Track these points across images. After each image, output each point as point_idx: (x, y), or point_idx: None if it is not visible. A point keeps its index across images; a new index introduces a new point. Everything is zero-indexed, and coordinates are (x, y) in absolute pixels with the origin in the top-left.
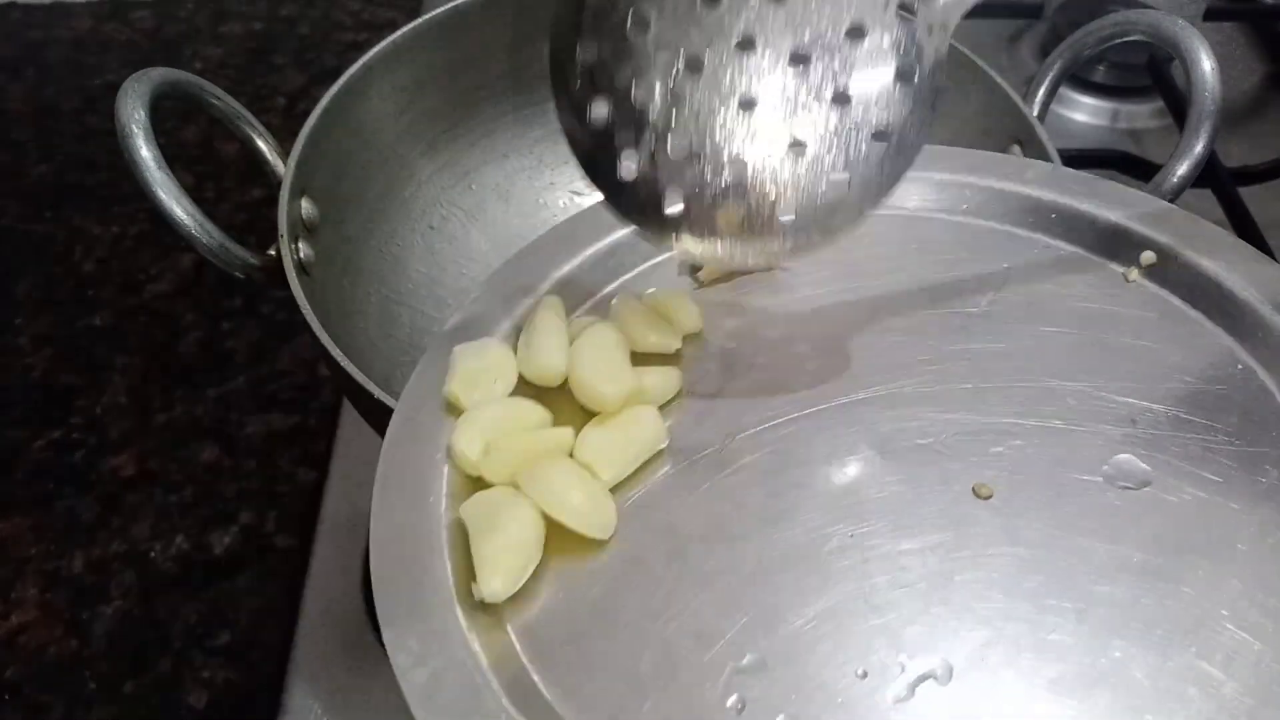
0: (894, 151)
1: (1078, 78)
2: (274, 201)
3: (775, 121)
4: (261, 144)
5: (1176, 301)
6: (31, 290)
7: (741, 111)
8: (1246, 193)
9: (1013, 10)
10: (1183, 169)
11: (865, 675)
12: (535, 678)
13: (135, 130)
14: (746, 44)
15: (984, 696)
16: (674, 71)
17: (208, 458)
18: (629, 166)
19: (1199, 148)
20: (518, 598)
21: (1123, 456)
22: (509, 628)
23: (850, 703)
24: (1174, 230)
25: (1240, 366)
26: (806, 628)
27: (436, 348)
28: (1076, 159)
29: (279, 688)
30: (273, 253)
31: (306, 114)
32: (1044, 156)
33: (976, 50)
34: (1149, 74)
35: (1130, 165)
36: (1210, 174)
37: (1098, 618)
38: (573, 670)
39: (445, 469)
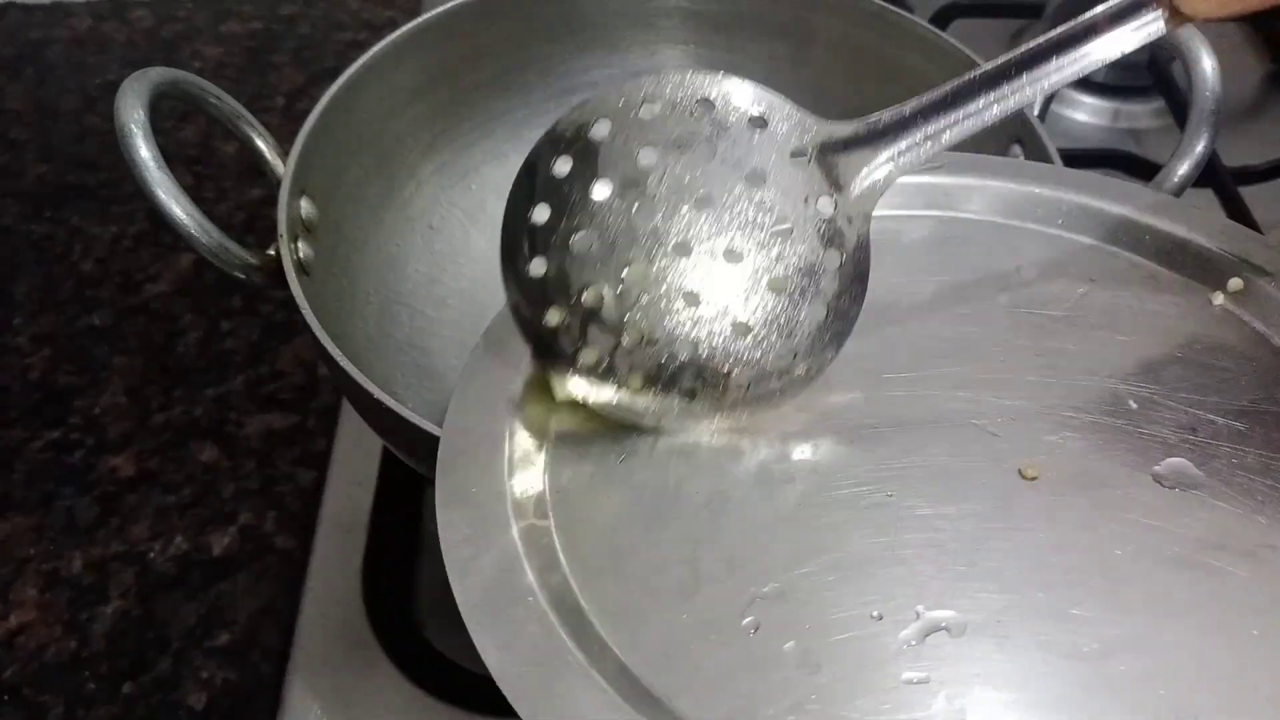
0: (830, 323)
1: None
2: (273, 201)
3: (719, 310)
4: (261, 144)
5: (1258, 326)
6: (30, 290)
7: (686, 305)
8: (1247, 192)
9: (1013, 10)
10: (1183, 169)
11: (880, 618)
12: (566, 571)
13: (134, 130)
14: (682, 248)
15: (993, 652)
16: (620, 277)
17: (207, 458)
18: (587, 361)
19: (1200, 147)
20: (565, 502)
21: (1176, 460)
22: (552, 527)
23: (860, 640)
24: (1263, 259)
25: None
26: (831, 568)
27: None
28: (1077, 159)
29: (279, 688)
30: (272, 253)
31: (306, 114)
32: (1044, 157)
33: (977, 50)
34: (1149, 73)
35: (1131, 165)
36: (1211, 174)
37: (1123, 599)
38: (603, 573)
39: (519, 384)
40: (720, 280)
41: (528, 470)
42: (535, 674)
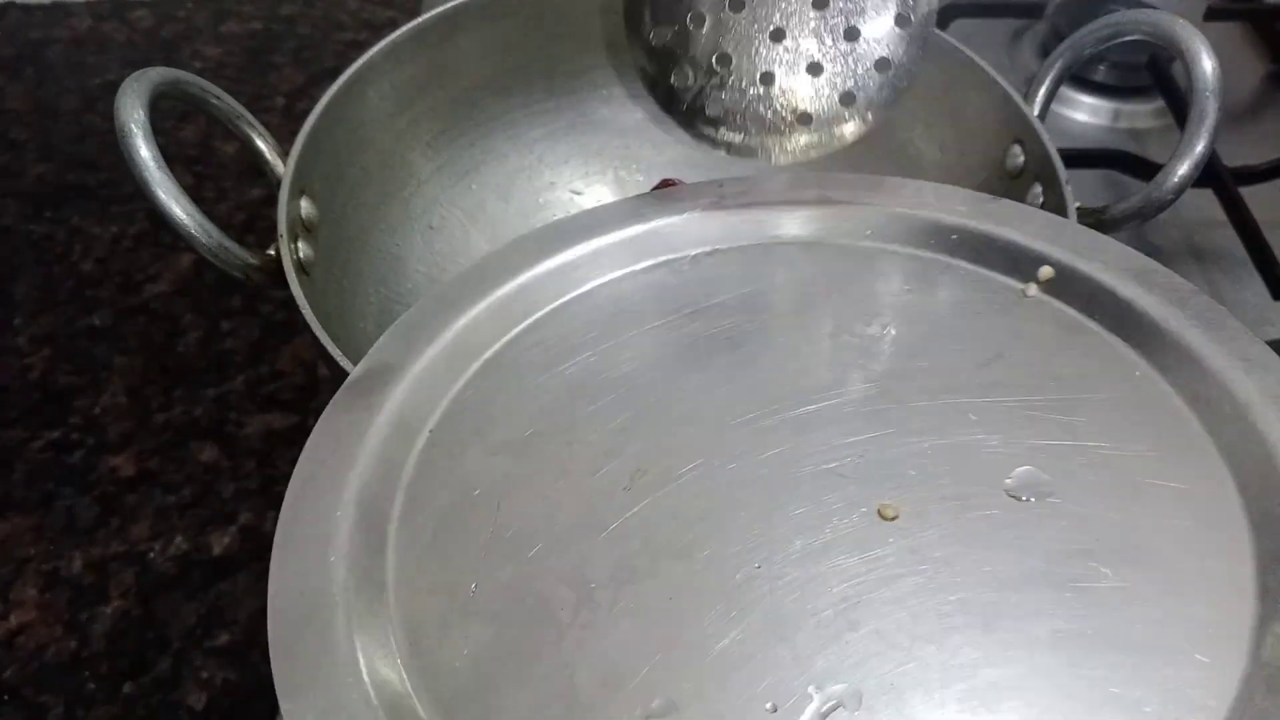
0: (892, 76)
1: (1078, 77)
2: (273, 201)
3: (799, 48)
4: (261, 144)
5: (1074, 314)
6: (30, 290)
7: (773, 41)
8: (1247, 192)
9: (1013, 10)
10: (1183, 169)
11: (775, 709)
12: None
13: (134, 130)
14: None
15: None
16: (722, 9)
17: (207, 458)
18: (684, 82)
19: (1200, 147)
20: (421, 653)
21: (1024, 469)
22: (411, 689)
23: None
24: (1070, 244)
25: (1139, 374)
26: (715, 664)
27: (341, 403)
28: (1077, 159)
29: None
30: (272, 253)
31: (306, 114)
32: (1044, 157)
33: (977, 50)
34: (1149, 74)
35: (1131, 165)
36: (1211, 174)
37: (1005, 630)
38: None
39: (346, 523)
40: (805, 23)
41: (374, 626)
42: None
